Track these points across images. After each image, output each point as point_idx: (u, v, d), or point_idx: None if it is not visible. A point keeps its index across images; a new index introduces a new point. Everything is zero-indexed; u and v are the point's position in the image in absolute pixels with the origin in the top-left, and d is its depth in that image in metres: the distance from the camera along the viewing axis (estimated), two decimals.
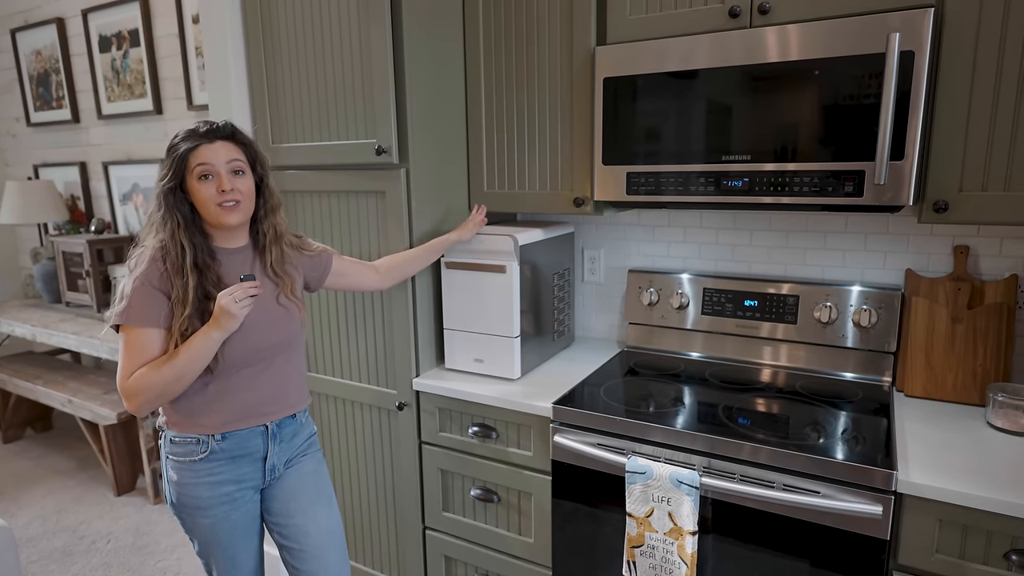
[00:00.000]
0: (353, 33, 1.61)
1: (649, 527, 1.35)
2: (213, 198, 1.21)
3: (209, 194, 1.21)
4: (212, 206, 1.21)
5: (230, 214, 1.23)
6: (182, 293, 1.18)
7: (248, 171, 1.26)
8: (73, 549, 2.46)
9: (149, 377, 1.16)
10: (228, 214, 1.23)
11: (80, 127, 3.41)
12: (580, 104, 1.62)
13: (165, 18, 2.89)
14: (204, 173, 1.21)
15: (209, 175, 1.21)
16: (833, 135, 1.31)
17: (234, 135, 1.26)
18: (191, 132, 1.22)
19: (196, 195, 1.21)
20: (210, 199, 1.21)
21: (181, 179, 1.21)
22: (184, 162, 1.20)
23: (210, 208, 1.21)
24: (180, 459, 1.27)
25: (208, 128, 1.23)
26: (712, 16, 1.43)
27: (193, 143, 1.20)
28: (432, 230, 1.72)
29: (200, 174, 1.20)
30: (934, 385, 1.51)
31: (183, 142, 1.21)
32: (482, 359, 1.71)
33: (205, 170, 1.21)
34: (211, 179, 1.21)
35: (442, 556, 1.80)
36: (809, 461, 1.22)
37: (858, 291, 1.61)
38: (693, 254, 1.89)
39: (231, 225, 1.24)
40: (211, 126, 1.24)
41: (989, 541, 1.12)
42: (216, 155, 1.21)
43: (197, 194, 1.21)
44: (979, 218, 1.27)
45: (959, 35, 1.23)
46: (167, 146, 1.23)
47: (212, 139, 1.22)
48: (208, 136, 1.22)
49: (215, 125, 1.24)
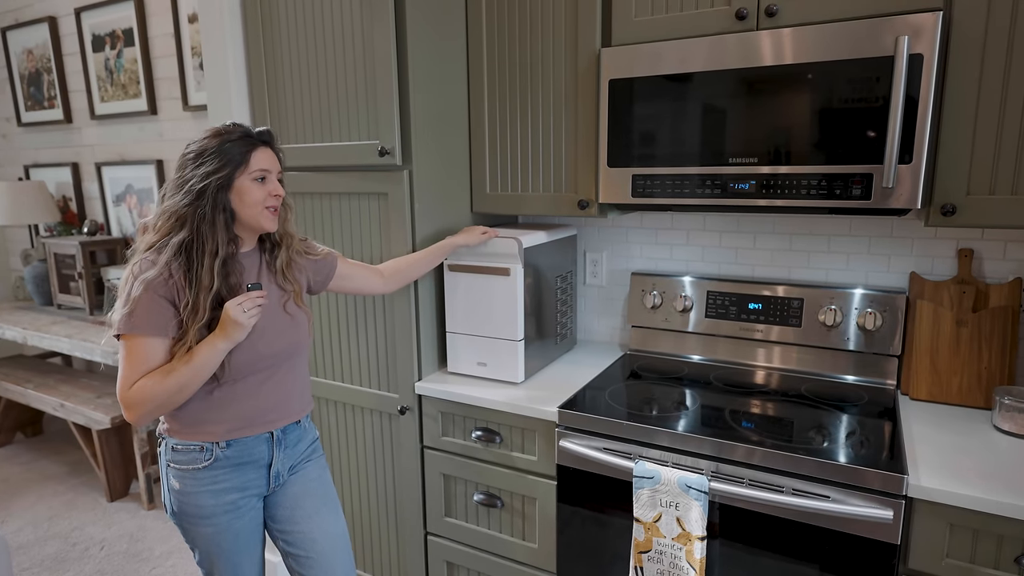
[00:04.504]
0: (356, 32, 1.59)
1: (657, 532, 1.34)
2: (263, 201, 1.22)
3: (262, 196, 1.22)
4: (260, 208, 1.22)
5: (273, 219, 1.25)
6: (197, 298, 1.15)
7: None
8: (66, 556, 2.42)
9: (152, 388, 1.13)
10: (271, 219, 1.25)
11: (72, 127, 3.37)
12: (585, 106, 1.61)
13: (160, 17, 2.86)
14: (262, 176, 1.22)
15: (265, 179, 1.22)
16: (841, 138, 1.31)
17: (275, 143, 1.28)
18: (245, 131, 1.22)
19: (246, 195, 1.20)
20: (260, 201, 1.21)
21: (232, 175, 1.19)
22: (244, 161, 1.19)
23: (257, 210, 1.22)
24: (182, 467, 1.25)
25: (260, 130, 1.25)
26: (719, 18, 1.42)
27: (252, 144, 1.21)
28: (435, 232, 1.70)
29: (258, 176, 1.21)
30: (939, 388, 1.51)
31: (239, 141, 1.19)
32: (485, 363, 1.70)
33: (264, 174, 1.22)
34: (265, 182, 1.22)
35: (444, 562, 1.78)
36: (818, 465, 1.22)
37: (862, 294, 1.61)
38: (696, 257, 1.88)
39: (270, 230, 1.26)
40: (261, 129, 1.25)
41: (1000, 545, 1.11)
42: (272, 162, 1.24)
43: (247, 195, 1.20)
44: (986, 221, 1.27)
45: (967, 38, 1.23)
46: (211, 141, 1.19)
47: (264, 144, 1.24)
48: (261, 140, 1.23)
49: (264, 129, 1.26)
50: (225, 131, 1.20)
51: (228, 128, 1.21)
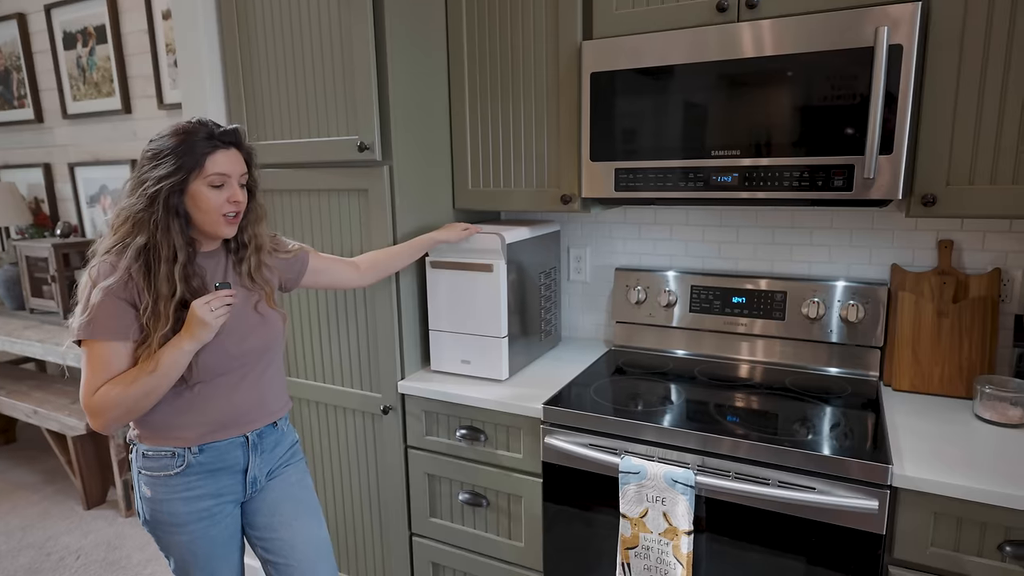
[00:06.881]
0: (333, 25, 1.56)
1: (644, 528, 1.33)
2: (221, 208, 1.15)
3: (218, 203, 1.14)
4: (217, 215, 1.15)
5: (231, 226, 1.18)
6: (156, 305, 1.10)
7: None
8: (40, 567, 2.35)
9: (115, 393, 1.09)
10: (229, 226, 1.18)
11: (44, 127, 3.29)
12: (567, 100, 1.59)
13: (133, 14, 2.80)
14: (221, 183, 1.14)
15: (223, 184, 1.15)
16: (822, 129, 1.31)
17: (242, 142, 1.20)
18: (207, 132, 1.13)
19: (201, 201, 1.13)
20: (217, 208, 1.14)
21: (187, 180, 1.12)
22: (199, 165, 1.12)
23: (213, 217, 1.15)
24: (154, 474, 1.20)
25: (224, 130, 1.15)
26: (699, 11, 1.42)
27: (211, 146, 1.13)
28: (416, 229, 1.68)
29: (215, 183, 1.13)
30: (921, 379, 1.52)
31: (201, 142, 1.12)
32: (469, 360, 1.68)
33: (223, 179, 1.14)
34: (223, 188, 1.15)
35: (430, 563, 1.75)
36: (804, 457, 1.21)
37: (844, 286, 1.61)
38: (680, 251, 1.88)
39: (227, 236, 1.19)
40: (225, 128, 1.16)
41: (983, 533, 1.12)
42: (233, 165, 1.16)
43: (203, 201, 1.13)
44: (966, 211, 1.28)
45: (945, 29, 1.24)
46: (169, 140, 1.12)
47: (228, 145, 1.16)
48: (225, 140, 1.15)
49: (228, 128, 1.17)
50: (186, 130, 1.12)
51: (191, 127, 1.13)
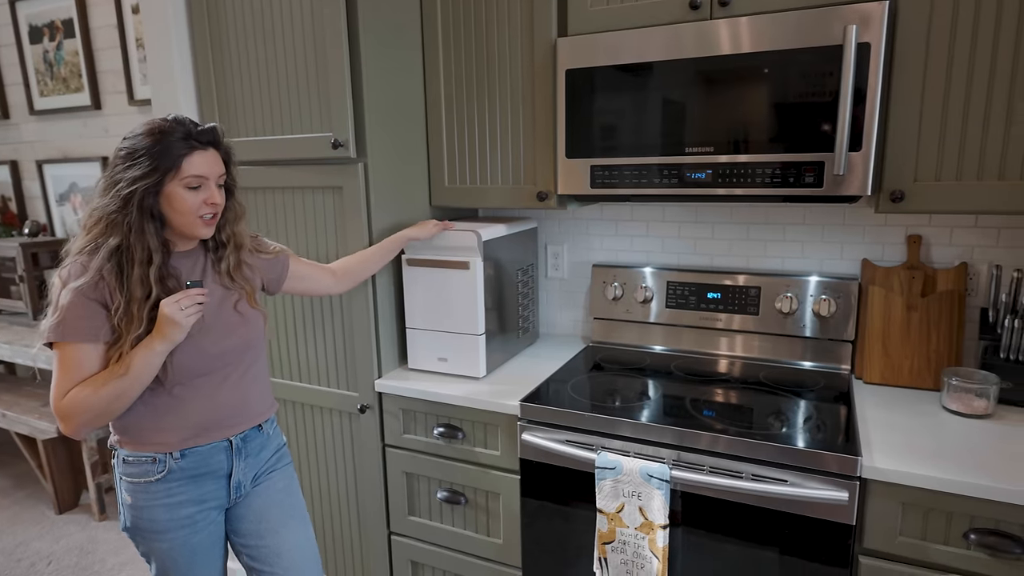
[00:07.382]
0: (306, 20, 1.54)
1: (620, 522, 1.34)
2: (197, 210, 1.12)
3: (194, 204, 1.11)
4: (193, 217, 1.12)
5: (208, 227, 1.16)
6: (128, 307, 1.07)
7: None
8: (9, 573, 2.30)
9: (86, 397, 1.06)
10: (206, 227, 1.15)
11: (10, 123, 3.21)
12: (542, 97, 1.59)
13: (102, 7, 2.73)
14: (198, 184, 1.11)
15: (200, 186, 1.12)
16: (793, 126, 1.32)
17: (221, 142, 1.17)
18: (184, 131, 1.10)
19: (177, 203, 1.10)
20: (194, 210, 1.12)
21: (162, 182, 1.09)
22: (175, 166, 1.09)
23: (189, 219, 1.12)
24: (134, 480, 1.18)
25: (201, 130, 1.12)
26: (672, 8, 1.42)
27: (188, 147, 1.10)
28: (392, 227, 1.67)
29: (192, 184, 1.11)
30: (891, 371, 1.54)
31: (177, 143, 1.09)
32: (446, 358, 1.67)
33: (199, 181, 1.11)
34: (200, 190, 1.12)
35: (409, 561, 1.75)
36: (776, 450, 1.23)
37: (817, 281, 1.64)
38: (656, 248, 1.89)
39: (204, 237, 1.17)
40: (203, 128, 1.13)
41: (949, 522, 1.14)
42: (211, 166, 1.13)
43: (179, 202, 1.10)
44: (933, 207, 1.30)
45: (911, 27, 1.26)
46: (144, 140, 1.08)
47: (206, 145, 1.13)
48: (202, 141, 1.12)
49: (206, 127, 1.13)
50: (162, 129, 1.09)
51: (167, 126, 1.09)
